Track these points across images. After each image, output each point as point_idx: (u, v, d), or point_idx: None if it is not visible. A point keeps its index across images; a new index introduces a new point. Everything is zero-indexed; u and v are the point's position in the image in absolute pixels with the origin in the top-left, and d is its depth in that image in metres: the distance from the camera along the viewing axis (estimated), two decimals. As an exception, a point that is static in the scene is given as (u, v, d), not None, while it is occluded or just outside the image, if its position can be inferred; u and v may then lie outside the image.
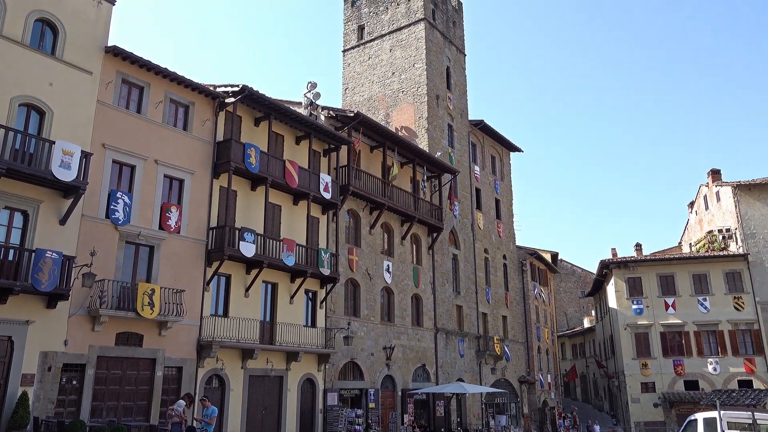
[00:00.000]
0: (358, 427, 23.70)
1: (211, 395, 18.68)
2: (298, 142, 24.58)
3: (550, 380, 43.57)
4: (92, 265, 16.45)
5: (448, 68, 37.33)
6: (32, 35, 16.70)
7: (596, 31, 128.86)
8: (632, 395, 37.81)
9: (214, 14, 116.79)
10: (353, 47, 38.47)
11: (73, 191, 16.19)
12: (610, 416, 46.94)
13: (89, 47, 17.85)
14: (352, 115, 26.61)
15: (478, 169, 38.35)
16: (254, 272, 21.27)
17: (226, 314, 20.53)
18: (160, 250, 18.68)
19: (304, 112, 25.95)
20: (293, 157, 23.84)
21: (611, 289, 40.81)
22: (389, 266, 28.32)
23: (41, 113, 16.52)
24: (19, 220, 15.78)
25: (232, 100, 21.08)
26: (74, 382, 16.32)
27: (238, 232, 20.35)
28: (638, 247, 46.32)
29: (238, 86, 20.90)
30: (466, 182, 36.42)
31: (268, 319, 22.16)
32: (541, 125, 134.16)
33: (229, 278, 20.89)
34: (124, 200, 17.80)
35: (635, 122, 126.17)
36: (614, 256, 44.91)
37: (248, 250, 20.34)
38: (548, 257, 47.90)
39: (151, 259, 18.52)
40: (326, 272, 23.40)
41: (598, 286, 47.24)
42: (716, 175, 41.28)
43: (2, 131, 15.06)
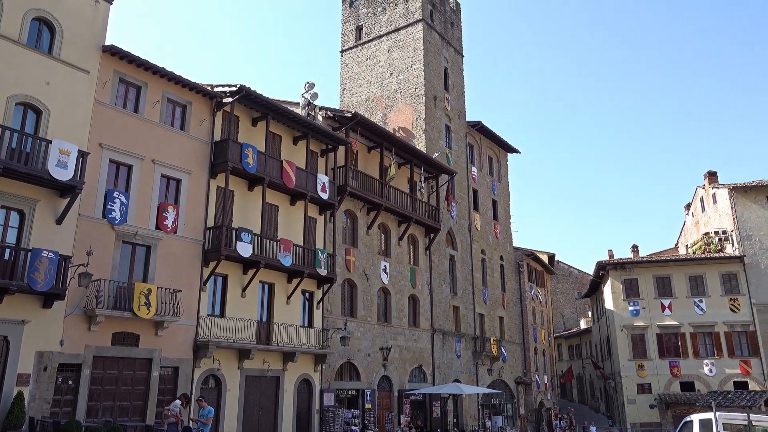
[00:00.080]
0: (354, 427, 23.69)
1: (207, 395, 18.67)
2: (295, 142, 24.58)
3: (546, 381, 43.62)
4: (88, 264, 16.41)
5: (445, 69, 37.35)
6: (29, 34, 16.66)
7: (594, 33, 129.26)
8: (628, 396, 37.89)
9: (211, 14, 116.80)
10: (351, 48, 38.47)
11: (69, 191, 16.16)
12: (606, 417, 47.01)
13: (86, 46, 17.82)
14: (349, 115, 26.62)
15: (475, 170, 38.38)
16: (251, 272, 21.26)
17: (222, 314, 20.52)
18: (156, 249, 18.65)
19: (301, 112, 25.95)
20: (291, 157, 23.83)
21: (608, 290, 40.89)
22: (386, 267, 28.32)
23: (38, 112, 16.49)
24: (15, 219, 15.74)
25: (229, 100, 21.07)
26: (70, 382, 16.29)
27: (235, 232, 20.33)
28: (635, 248, 46.42)
29: (235, 86, 20.89)
30: (463, 183, 36.45)
31: (264, 319, 22.15)
32: (538, 126, 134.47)
33: (225, 278, 20.87)
34: (120, 200, 17.77)
35: (632, 124, 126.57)
36: (611, 257, 45.01)
37: (245, 250, 20.32)
38: (545, 258, 47.96)
39: (147, 258, 18.48)
40: (323, 272, 23.40)
41: (594, 287, 47.33)
42: (713, 177, 41.48)
43: (-1, 130, 15.03)
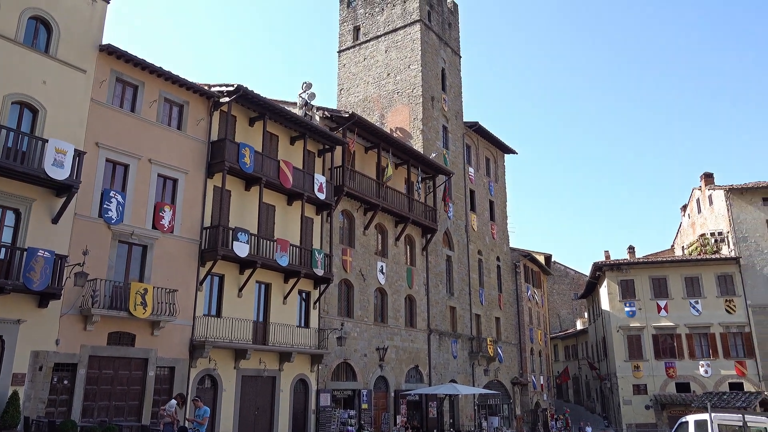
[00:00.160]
0: (350, 427, 23.69)
1: (203, 395, 18.62)
2: (292, 142, 24.56)
3: (542, 382, 43.68)
4: (84, 264, 16.38)
5: (443, 70, 37.38)
6: (26, 33, 16.62)
7: (591, 34, 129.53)
8: (624, 397, 37.97)
9: (209, 14, 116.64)
10: (349, 48, 38.46)
11: (65, 190, 16.12)
12: (602, 418, 47.07)
13: (83, 45, 17.79)
14: (347, 115, 26.62)
15: (472, 170, 38.41)
16: (248, 272, 21.24)
17: (219, 314, 20.50)
18: (153, 249, 18.62)
19: (299, 112, 25.95)
20: (288, 157, 23.82)
21: (604, 291, 40.97)
22: (383, 267, 28.33)
23: (34, 111, 16.46)
24: (11, 218, 15.70)
25: (226, 99, 21.05)
26: (65, 381, 16.25)
27: (231, 232, 20.30)
28: (631, 249, 46.47)
29: (232, 86, 20.88)
30: (460, 184, 36.47)
31: (261, 319, 22.14)
32: (535, 127, 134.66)
33: (222, 278, 20.85)
34: (117, 199, 17.74)
35: (629, 125, 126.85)
36: (607, 258, 45.02)
37: (242, 250, 20.30)
38: (542, 259, 48.04)
39: (144, 258, 18.46)
40: (320, 273, 23.39)
41: (591, 288, 47.40)
42: (709, 178, 41.62)
43: (-5, 129, 14.99)
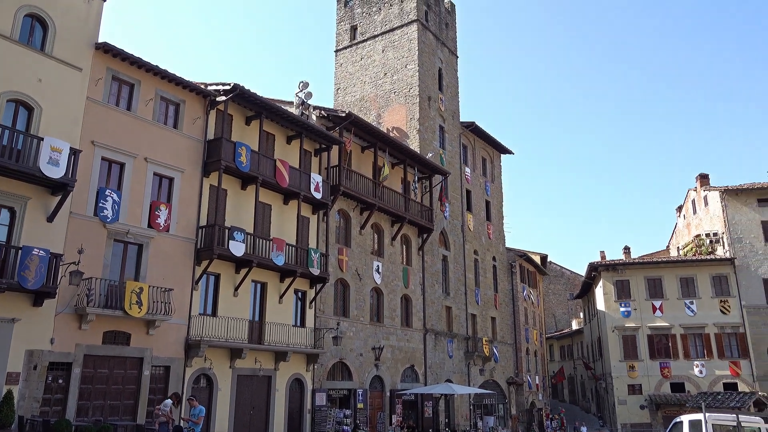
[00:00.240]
0: (346, 427, 23.68)
1: (198, 395, 18.62)
2: (289, 141, 24.54)
3: (538, 382, 43.77)
4: (80, 263, 16.31)
5: (440, 70, 37.39)
6: (21, 30, 16.55)
7: (587, 36, 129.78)
8: (619, 397, 38.08)
9: (206, 12, 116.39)
10: (346, 47, 38.44)
11: (61, 188, 16.07)
12: (597, 418, 47.22)
13: (79, 43, 17.72)
14: (343, 115, 26.60)
15: (468, 170, 38.44)
16: (243, 271, 21.21)
17: (214, 313, 20.46)
18: (148, 248, 18.58)
19: (295, 111, 25.92)
20: (284, 156, 23.79)
21: (599, 291, 41.07)
22: (379, 267, 28.33)
23: (30, 109, 16.38)
24: (5, 216, 15.64)
25: (223, 98, 21.01)
26: (60, 380, 16.20)
27: (227, 231, 20.27)
28: (627, 250, 46.62)
29: (229, 85, 20.85)
30: (456, 184, 36.50)
31: (256, 318, 22.11)
32: (531, 128, 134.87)
33: (218, 277, 20.81)
34: (112, 198, 17.69)
35: (626, 126, 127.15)
36: (603, 258, 45.19)
37: (238, 249, 20.27)
38: (537, 259, 48.09)
39: (139, 257, 18.41)
40: (316, 272, 23.38)
41: (586, 288, 47.52)
42: (704, 179, 41.77)
43: (-10, 127, 14.94)
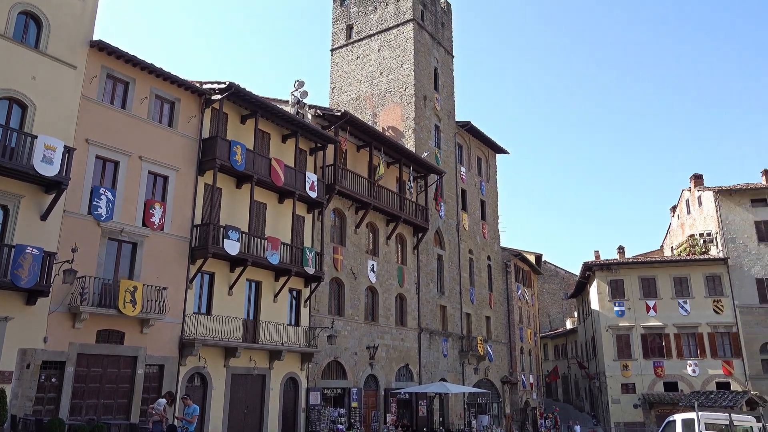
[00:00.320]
0: (340, 426, 23.69)
1: (192, 394, 18.54)
2: (284, 140, 24.51)
3: (532, 381, 43.89)
4: (73, 261, 16.23)
5: (435, 69, 37.42)
6: (15, 28, 16.47)
7: (582, 37, 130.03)
8: (613, 396, 38.23)
9: (201, 10, 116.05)
10: (342, 46, 38.42)
11: (55, 186, 16.01)
12: (590, 417, 47.35)
13: (74, 41, 17.65)
14: (339, 114, 26.59)
15: (464, 170, 38.49)
16: (238, 270, 21.19)
17: (209, 312, 20.43)
18: (143, 247, 18.54)
19: (291, 110, 25.89)
20: (279, 155, 23.77)
21: (594, 291, 41.20)
22: (374, 266, 28.35)
23: (23, 107, 16.31)
24: (-1, 214, 15.58)
25: (218, 97, 20.96)
26: (53, 379, 16.14)
27: (222, 229, 20.24)
28: (621, 249, 46.73)
29: (224, 83, 20.80)
30: (452, 183, 36.54)
31: (251, 317, 22.09)
32: (527, 128, 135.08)
33: (212, 276, 20.78)
34: (107, 196, 17.64)
35: (620, 126, 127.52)
36: (597, 258, 45.28)
37: (232, 248, 20.25)
38: (532, 259, 48.22)
39: (133, 256, 18.37)
40: (311, 271, 23.37)
41: (580, 287, 47.67)
42: (698, 180, 41.97)
43: (-17, 125, 14.88)
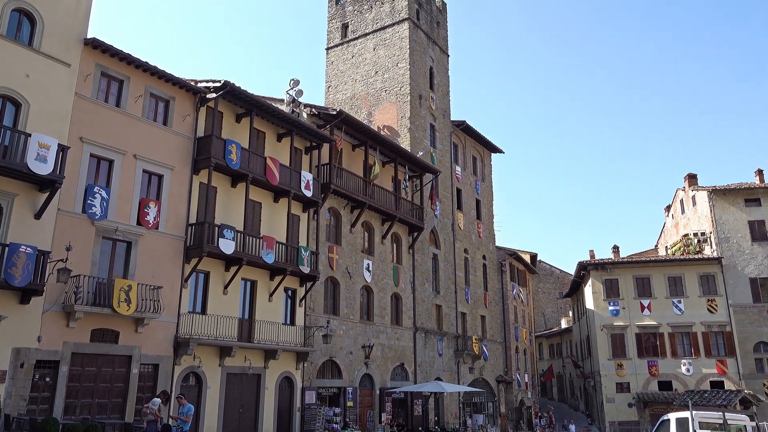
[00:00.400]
0: (335, 425, 23.67)
1: (187, 393, 18.55)
2: (279, 139, 24.46)
3: (527, 380, 43.97)
4: (67, 260, 16.17)
5: (431, 68, 37.42)
6: (9, 25, 16.37)
7: (577, 37, 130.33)
8: (607, 395, 38.34)
9: (196, 8, 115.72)
10: (337, 45, 38.38)
11: (49, 185, 15.93)
12: (585, 416, 47.50)
13: (68, 39, 17.55)
14: (334, 113, 26.57)
15: (459, 169, 38.52)
16: (233, 269, 21.14)
17: (204, 311, 20.38)
18: (137, 245, 18.46)
19: (286, 109, 25.84)
20: (274, 154, 23.72)
21: (588, 290, 41.30)
22: (369, 265, 28.33)
23: (17, 105, 16.22)
24: (-8, 213, 15.49)
25: (213, 95, 20.90)
26: (47, 379, 16.07)
27: (217, 228, 20.18)
28: (615, 249, 46.90)
29: (219, 82, 20.75)
30: (447, 182, 36.57)
31: (246, 316, 22.04)
32: (522, 127, 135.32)
33: (207, 275, 20.72)
34: (101, 195, 17.55)
35: (615, 126, 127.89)
36: (592, 257, 45.41)
37: (227, 246, 20.20)
38: (527, 258, 48.30)
39: (128, 254, 18.29)
40: (306, 270, 23.34)
41: (575, 287, 47.78)
42: (693, 179, 42.13)
43: (-24, 122, 14.79)
